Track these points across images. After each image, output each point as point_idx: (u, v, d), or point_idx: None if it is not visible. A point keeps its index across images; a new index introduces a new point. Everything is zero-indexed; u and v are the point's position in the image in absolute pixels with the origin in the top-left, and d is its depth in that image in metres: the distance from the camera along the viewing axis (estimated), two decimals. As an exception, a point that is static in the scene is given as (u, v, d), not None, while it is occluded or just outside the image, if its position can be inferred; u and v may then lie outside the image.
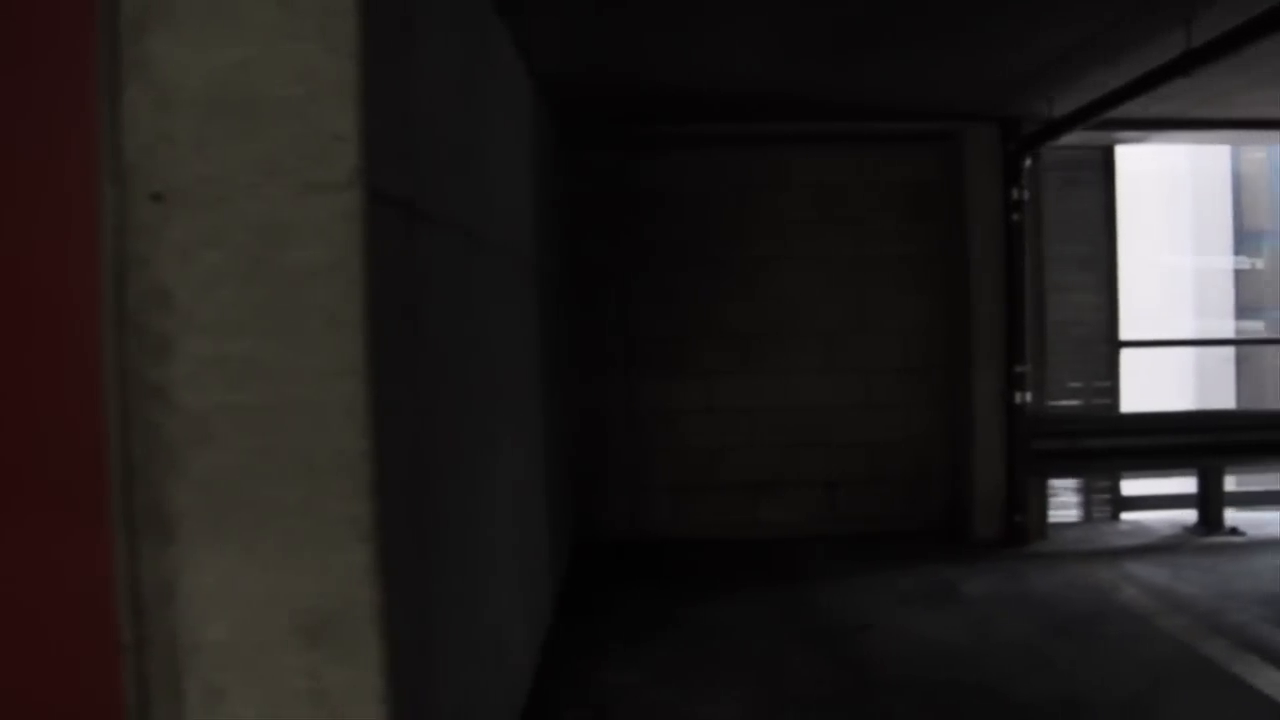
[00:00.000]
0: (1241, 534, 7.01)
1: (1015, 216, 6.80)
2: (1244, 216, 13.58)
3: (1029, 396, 6.85)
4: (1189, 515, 7.45)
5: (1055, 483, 7.49)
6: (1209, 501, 7.09)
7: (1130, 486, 7.73)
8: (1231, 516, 7.41)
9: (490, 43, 4.21)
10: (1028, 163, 6.75)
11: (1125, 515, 7.62)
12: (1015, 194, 6.79)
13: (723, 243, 7.23)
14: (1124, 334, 7.60)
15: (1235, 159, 13.62)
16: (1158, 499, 7.66)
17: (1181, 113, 6.75)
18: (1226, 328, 13.48)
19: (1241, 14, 4.43)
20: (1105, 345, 7.54)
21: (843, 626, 5.47)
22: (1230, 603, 5.64)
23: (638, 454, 7.27)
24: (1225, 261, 13.54)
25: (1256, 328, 12.02)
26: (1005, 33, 5.06)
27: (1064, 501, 7.58)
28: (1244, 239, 13.70)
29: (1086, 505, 7.68)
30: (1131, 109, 6.64)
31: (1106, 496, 7.59)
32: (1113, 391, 7.54)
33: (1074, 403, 7.55)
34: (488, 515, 3.81)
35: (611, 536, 7.27)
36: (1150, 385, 9.46)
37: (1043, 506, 7.04)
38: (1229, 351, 13.19)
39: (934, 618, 5.56)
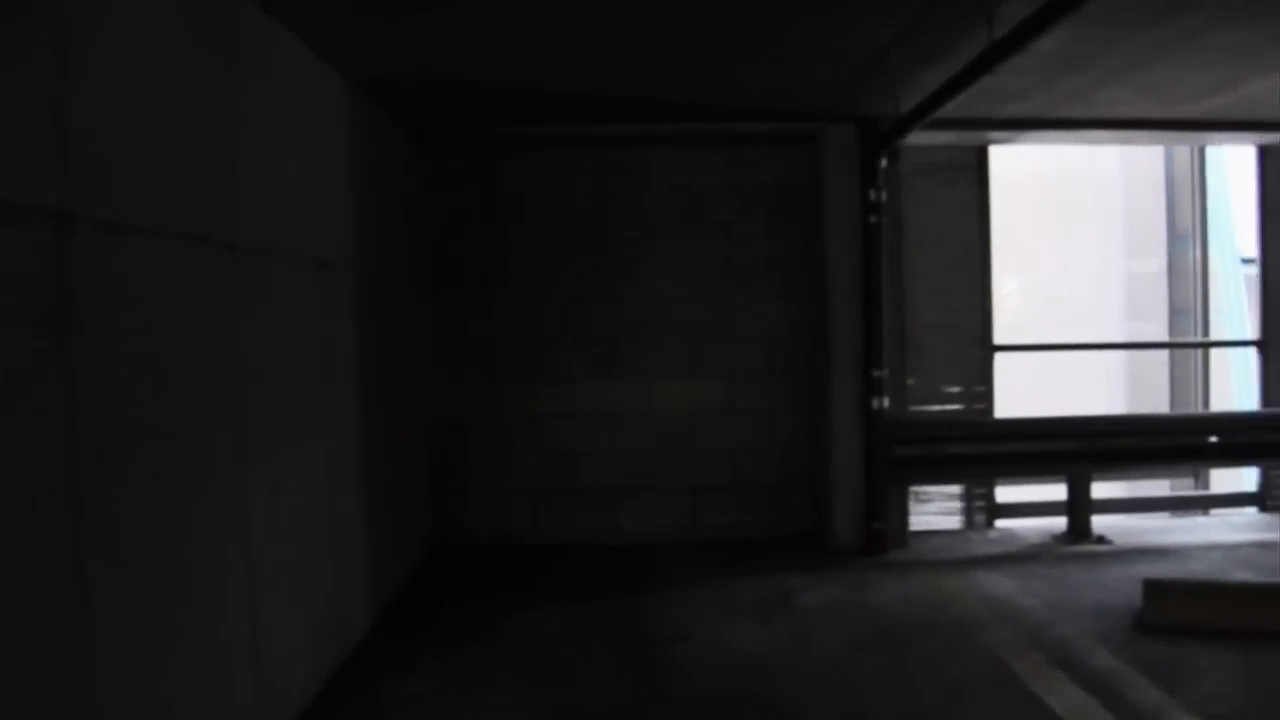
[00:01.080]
0: (1109, 543, 6.89)
1: (873, 218, 6.67)
2: (1176, 218, 13.49)
3: (887, 402, 6.73)
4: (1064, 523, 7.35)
5: (931, 489, 7.40)
6: (1077, 509, 6.96)
7: (1008, 493, 7.63)
8: (1107, 523, 7.32)
9: (250, 45, 4.10)
10: (884, 163, 6.62)
11: (1001, 523, 7.51)
12: (872, 195, 6.66)
13: (586, 245, 7.13)
14: (1048, 336, 7.60)
15: (1169, 161, 13.52)
16: (1035, 506, 7.54)
17: (1041, 112, 6.65)
18: (1160, 330, 13.41)
19: (1032, 4, 4.32)
20: (979, 349, 7.43)
21: (662, 636, 5.38)
22: (1064, 615, 5.52)
23: (500, 458, 7.16)
24: (1159, 263, 13.48)
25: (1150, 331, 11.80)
26: (805, 31, 4.94)
27: (941, 508, 7.48)
28: (1177, 241, 13.61)
29: (969, 512, 7.58)
30: (987, 108, 6.60)
31: (981, 504, 7.47)
32: (987, 396, 7.43)
33: (955, 407, 7.44)
34: (227, 530, 3.71)
35: (474, 541, 7.18)
36: (1074, 390, 9.36)
37: (904, 514, 6.93)
38: (1163, 355, 13.10)
39: (757, 629, 5.45)
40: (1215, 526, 7.40)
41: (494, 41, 4.98)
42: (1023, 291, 9.46)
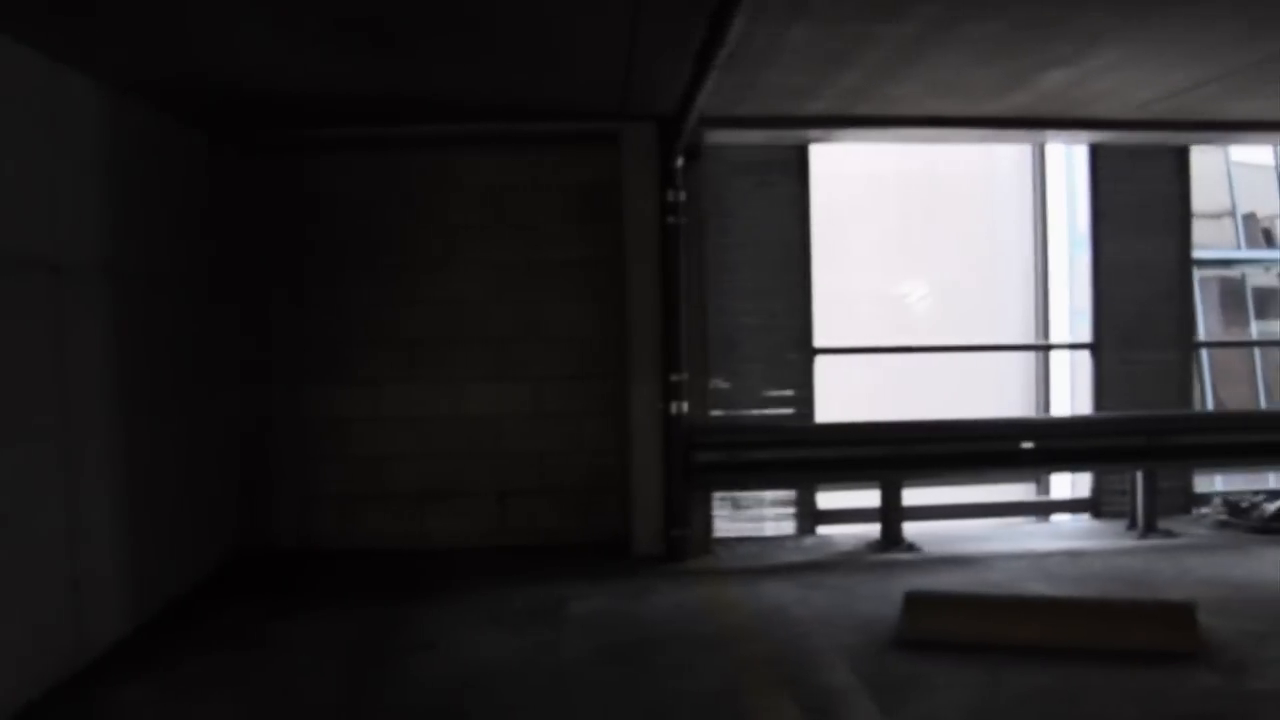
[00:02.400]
0: (918, 550, 6.73)
1: (671, 219, 6.51)
2: (1076, 219, 13.36)
3: (687, 407, 6.57)
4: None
5: (752, 495, 7.24)
6: (889, 516, 6.80)
7: (837, 500, 7.46)
8: (928, 530, 7.17)
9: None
10: (680, 163, 6.45)
11: (825, 529, 7.35)
12: (670, 196, 6.50)
13: (392, 247, 6.98)
14: (911, 338, 7.46)
15: (1070, 160, 13.40)
16: (866, 512, 7.35)
17: (843, 110, 6.50)
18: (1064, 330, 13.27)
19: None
20: (800, 352, 7.27)
21: (408, 645, 5.24)
22: (829, 627, 5.36)
23: (307, 462, 7.02)
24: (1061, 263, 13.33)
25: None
26: (526, 28, 4.80)
27: (774, 514, 7.31)
28: (1078, 241, 13.46)
29: (800, 518, 7.41)
30: (787, 106, 6.46)
31: (802, 510, 7.31)
32: (808, 400, 7.26)
33: (783, 411, 7.29)
34: None
35: (280, 546, 7.03)
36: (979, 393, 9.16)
37: (709, 521, 6.77)
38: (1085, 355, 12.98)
39: (510, 638, 5.30)
40: (1037, 534, 7.25)
41: (208, 37, 4.82)
42: (933, 292, 9.30)
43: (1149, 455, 6.92)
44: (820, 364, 7.55)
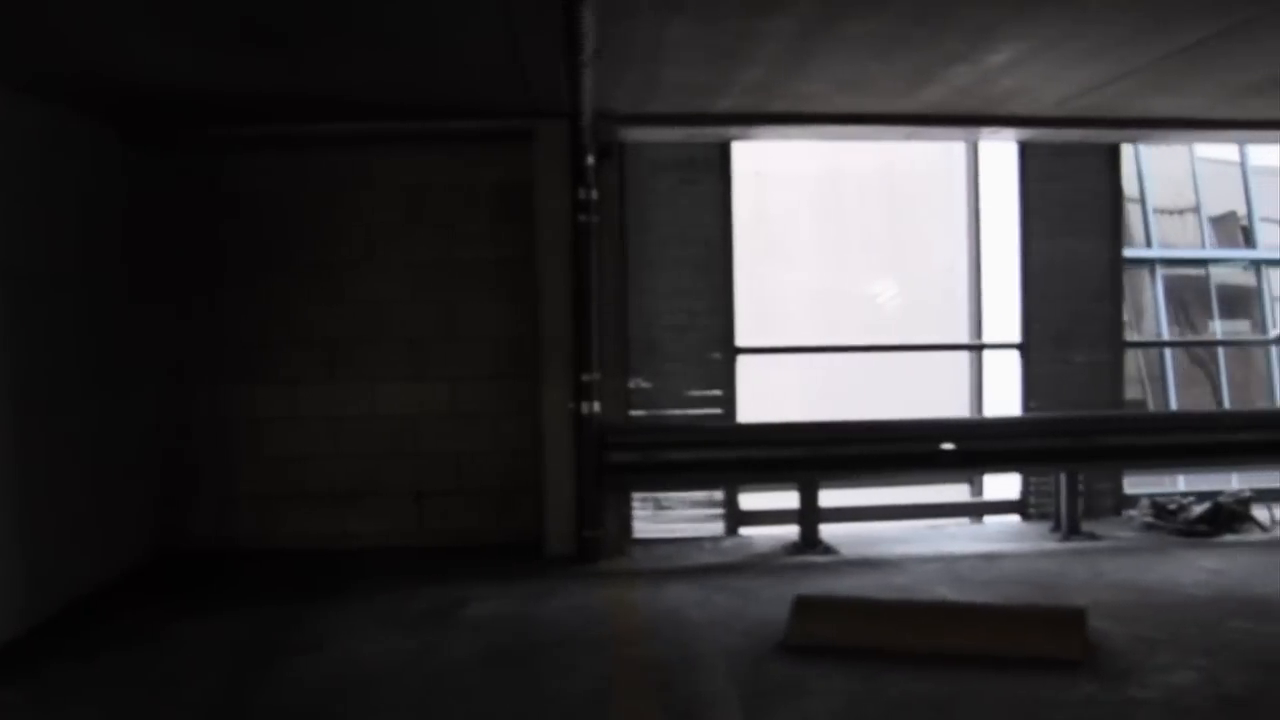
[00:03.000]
0: (834, 553, 6.67)
1: (582, 218, 6.46)
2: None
3: (597, 407, 6.52)
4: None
5: (676, 496, 7.19)
6: (806, 517, 6.73)
7: (763, 501, 7.39)
8: (849, 532, 7.11)
9: None
10: (590, 161, 6.38)
11: (749, 531, 7.30)
12: (582, 194, 6.44)
13: (310, 246, 6.96)
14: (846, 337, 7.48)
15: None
16: (782, 514, 7.28)
17: (756, 107, 6.46)
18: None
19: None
20: (721, 352, 7.20)
21: (300, 646, 5.22)
22: (720, 631, 5.30)
23: (225, 462, 7.00)
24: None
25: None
26: (407, 26, 4.76)
27: (700, 515, 7.26)
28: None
29: (724, 519, 7.35)
30: (698, 103, 6.40)
31: (720, 511, 7.25)
32: (730, 400, 7.20)
33: (709, 411, 7.23)
34: None
35: (200, 546, 7.01)
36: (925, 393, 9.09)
37: (624, 521, 6.72)
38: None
39: (399, 640, 5.26)
40: (959, 536, 7.16)
41: (91, 38, 4.79)
42: (868, 291, 9.23)
43: (1072, 457, 6.84)
44: (752, 364, 7.52)
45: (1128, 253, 13.89)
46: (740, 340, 7.41)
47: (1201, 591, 5.83)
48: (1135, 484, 7.92)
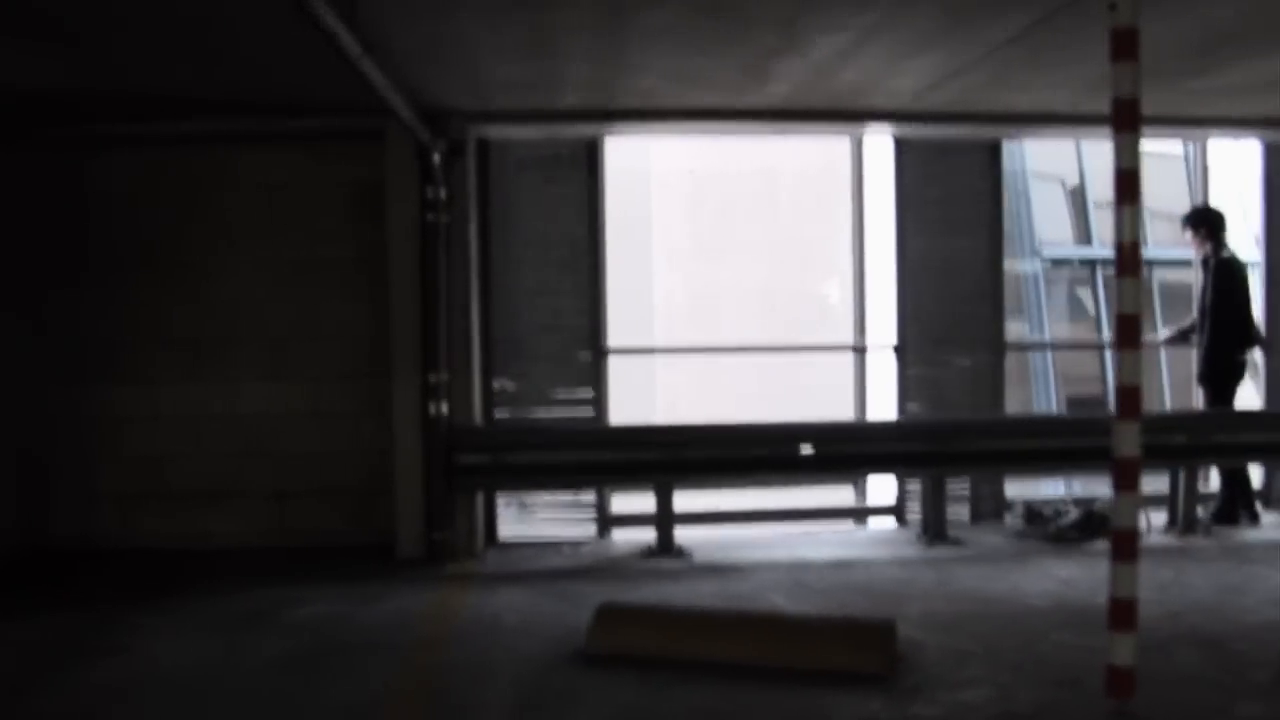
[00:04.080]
0: (686, 558, 6.54)
1: (431, 216, 6.37)
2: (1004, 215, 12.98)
3: (446, 408, 6.44)
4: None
5: (541, 498, 7.09)
6: (661, 521, 6.61)
7: (627, 503, 7.28)
8: (714, 536, 6.98)
9: None
10: (437, 159, 6.29)
11: (623, 534, 7.19)
12: (430, 193, 6.36)
13: (171, 245, 6.92)
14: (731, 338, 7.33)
15: (1007, 159, 13.00)
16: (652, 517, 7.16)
17: (606, 104, 6.39)
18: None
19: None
20: (588, 353, 7.09)
21: (105, 648, 5.13)
22: (526, 638, 5.17)
23: (85, 462, 6.98)
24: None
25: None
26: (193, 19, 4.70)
27: (552, 517, 7.16)
28: (1006, 237, 13.08)
29: (599, 522, 7.25)
30: (542, 100, 6.30)
31: (590, 513, 7.14)
32: (598, 401, 7.09)
33: (576, 412, 7.12)
34: None
35: (60, 546, 6.96)
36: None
37: (472, 523, 6.62)
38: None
39: (204, 644, 5.17)
40: (824, 542, 6.98)
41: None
42: (755, 291, 9.10)
43: (936, 461, 6.67)
44: (634, 365, 7.42)
45: (1059, 253, 13.75)
46: (614, 340, 7.31)
47: (1042, 602, 5.65)
48: (1027, 488, 7.76)
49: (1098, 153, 13.62)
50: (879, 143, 7.39)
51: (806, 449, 6.57)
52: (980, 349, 7.25)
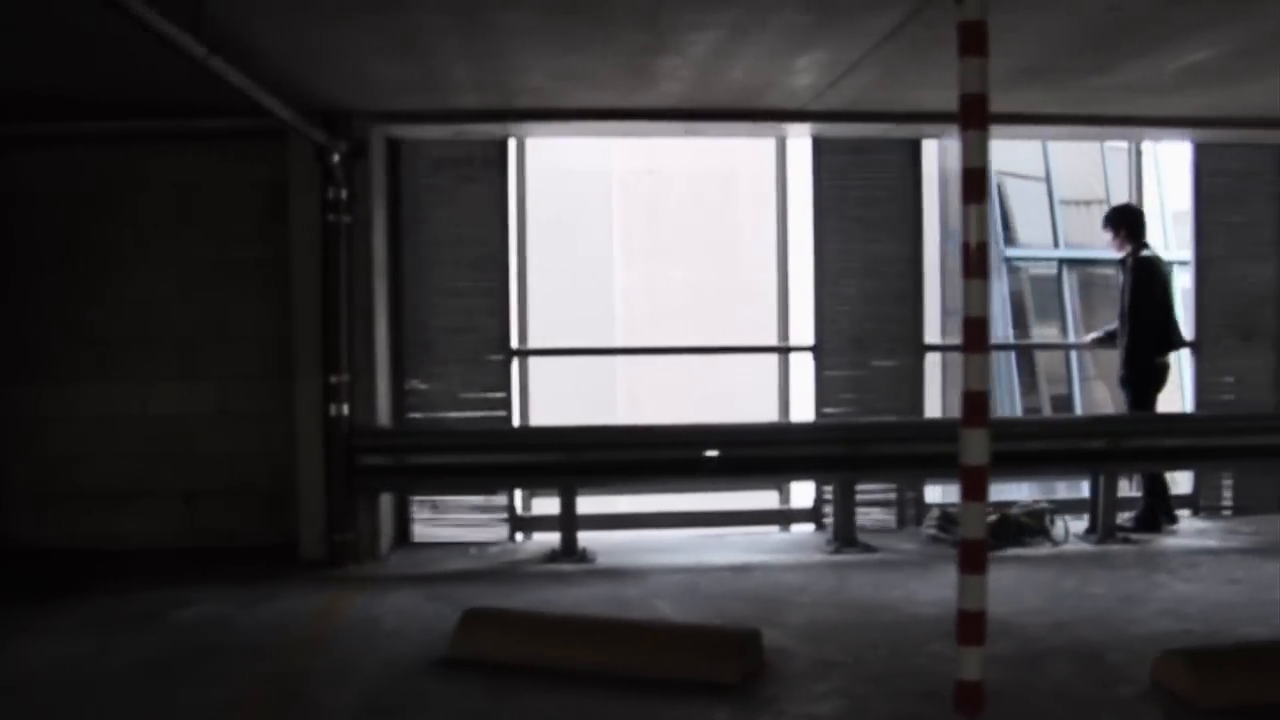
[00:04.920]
0: (588, 561, 6.48)
1: (331, 217, 6.35)
2: (949, 214, 12.81)
3: (346, 409, 6.41)
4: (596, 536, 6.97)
5: (451, 500, 7.06)
6: (565, 523, 6.55)
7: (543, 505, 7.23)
8: (619, 540, 6.93)
9: None
10: (336, 158, 6.26)
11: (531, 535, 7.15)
12: (332, 193, 6.33)
13: (85, 245, 6.93)
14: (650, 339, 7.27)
15: (943, 156, 12.80)
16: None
17: (501, 104, 6.30)
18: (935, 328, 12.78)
19: None
20: (499, 354, 7.04)
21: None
22: (400, 640, 5.16)
23: (1, 462, 6.98)
24: (932, 259, 12.77)
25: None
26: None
27: (467, 519, 7.13)
28: (951, 235, 12.89)
29: (510, 524, 7.19)
30: (438, 101, 6.26)
31: (504, 515, 7.10)
32: (507, 403, 7.04)
33: (487, 414, 7.08)
34: None
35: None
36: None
37: (375, 524, 6.59)
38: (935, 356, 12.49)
39: (79, 646, 5.16)
40: (733, 546, 6.89)
41: None
42: (677, 292, 9.05)
43: (844, 465, 6.56)
44: (550, 366, 7.38)
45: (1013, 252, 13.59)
46: (533, 341, 7.29)
47: (931, 611, 5.53)
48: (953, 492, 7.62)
49: (1064, 151, 13.49)
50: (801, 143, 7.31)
51: (711, 452, 6.50)
52: (900, 351, 7.14)
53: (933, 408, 7.70)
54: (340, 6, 4.55)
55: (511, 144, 7.22)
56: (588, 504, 7.16)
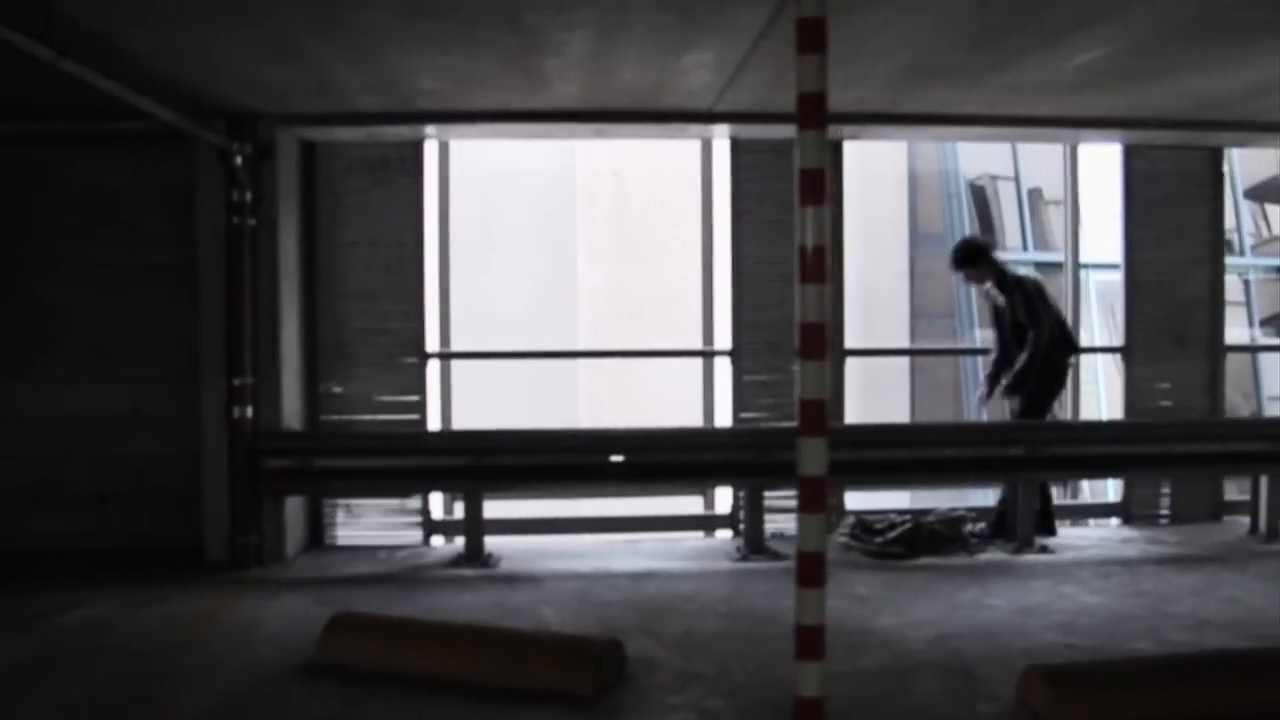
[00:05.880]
0: (490, 566, 6.41)
1: (236, 220, 6.34)
2: (919, 219, 12.63)
3: (250, 411, 6.40)
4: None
5: (365, 503, 7.04)
6: (470, 528, 6.49)
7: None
8: (529, 545, 6.88)
9: None
10: (239, 160, 6.25)
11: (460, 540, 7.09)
12: (236, 195, 6.32)
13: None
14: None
15: (912, 159, 12.64)
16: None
17: (402, 105, 6.25)
18: (903, 332, 12.62)
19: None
20: (413, 357, 7.01)
21: None
22: (270, 646, 5.11)
23: (-82, 461, 7.05)
24: (901, 263, 12.61)
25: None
26: None
27: (382, 522, 7.10)
28: (920, 241, 12.72)
29: (424, 527, 7.16)
30: (335, 104, 6.23)
31: (418, 520, 7.06)
32: (420, 406, 7.00)
33: (402, 417, 7.04)
34: None
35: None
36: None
37: (280, 527, 6.56)
38: (904, 361, 12.34)
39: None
40: (640, 552, 6.80)
41: None
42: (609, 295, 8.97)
43: (751, 471, 6.47)
44: (550, 369, 7.30)
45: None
46: (455, 344, 7.26)
47: (815, 621, 5.45)
48: (891, 499, 7.53)
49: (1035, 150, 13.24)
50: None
51: (616, 457, 6.43)
52: (819, 355, 7.02)
53: (856, 413, 7.56)
54: (199, 8, 4.52)
55: (434, 146, 7.23)
56: (511, 509, 7.14)
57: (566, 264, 12.06)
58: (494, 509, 7.12)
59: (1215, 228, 7.31)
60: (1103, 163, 8.21)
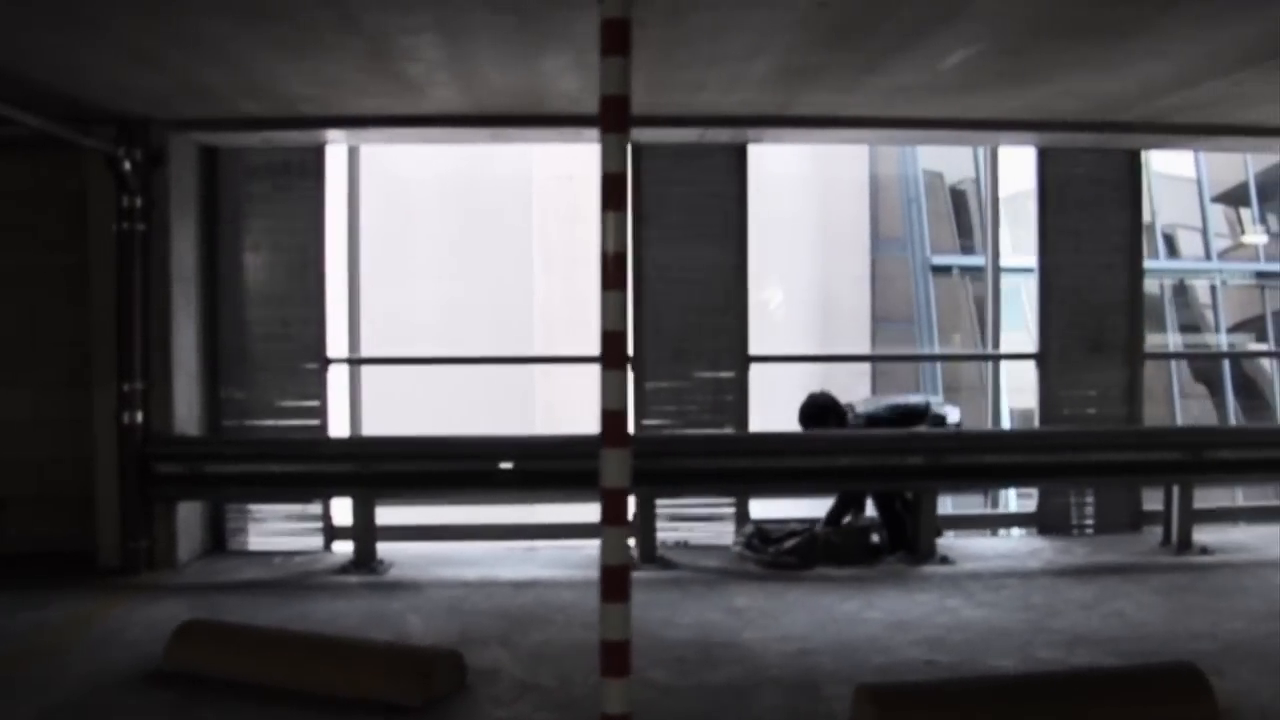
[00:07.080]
0: (378, 572, 6.36)
1: (125, 225, 6.35)
2: (880, 223, 12.49)
3: (140, 416, 6.40)
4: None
5: (267, 508, 7.02)
6: (359, 535, 6.44)
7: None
8: (422, 552, 6.82)
9: None
10: (128, 166, 6.26)
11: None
12: (125, 200, 6.33)
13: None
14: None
15: (873, 163, 12.50)
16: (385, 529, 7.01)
17: (289, 111, 6.23)
18: (864, 337, 12.48)
19: None
20: (314, 363, 6.98)
21: None
22: (124, 653, 5.08)
23: None
24: (862, 268, 12.45)
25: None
26: None
27: (284, 528, 7.08)
28: (881, 245, 12.56)
29: (325, 533, 7.13)
30: (223, 108, 6.22)
31: (319, 525, 7.03)
32: (322, 411, 6.97)
33: (303, 422, 7.02)
34: None
35: None
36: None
37: (172, 533, 6.56)
38: (865, 365, 12.21)
39: None
40: (532, 561, 6.76)
41: None
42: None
43: (640, 479, 6.30)
44: (507, 374, 7.25)
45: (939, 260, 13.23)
46: (366, 350, 7.25)
47: (678, 635, 5.34)
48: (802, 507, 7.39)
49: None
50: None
51: (505, 465, 6.36)
52: (724, 362, 6.93)
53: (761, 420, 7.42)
54: (47, 18, 4.51)
55: (341, 152, 7.22)
56: (419, 515, 7.11)
57: (523, 268, 12.05)
58: (405, 515, 7.13)
59: (1134, 231, 7.13)
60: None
